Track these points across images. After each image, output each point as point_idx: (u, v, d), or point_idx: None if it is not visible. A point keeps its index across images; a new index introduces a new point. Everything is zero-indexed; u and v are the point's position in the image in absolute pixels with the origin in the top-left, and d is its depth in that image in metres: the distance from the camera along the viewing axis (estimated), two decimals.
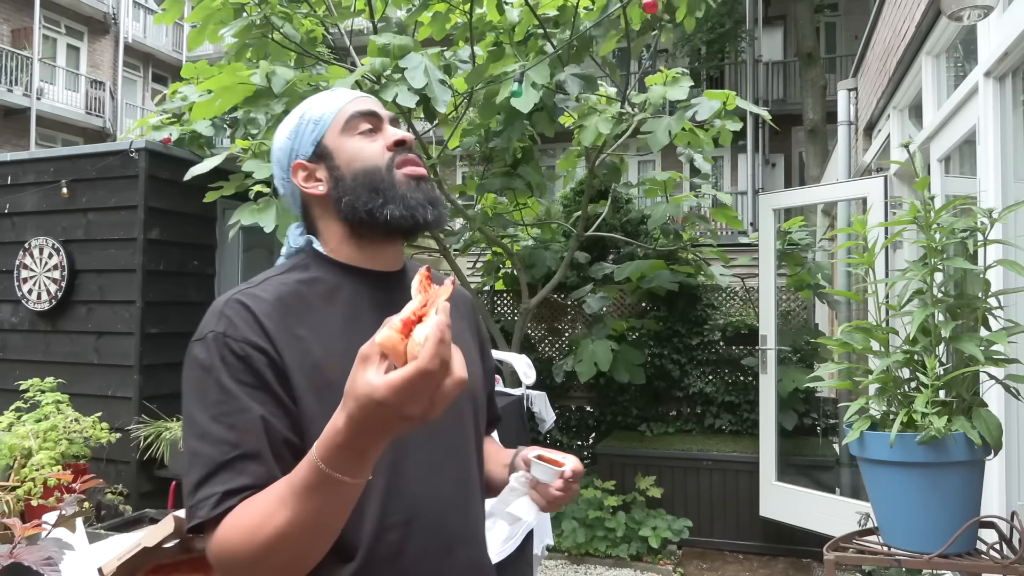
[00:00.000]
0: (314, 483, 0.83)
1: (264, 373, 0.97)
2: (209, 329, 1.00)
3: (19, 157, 4.43)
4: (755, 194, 15.71)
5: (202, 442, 0.93)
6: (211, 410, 0.95)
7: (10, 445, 2.63)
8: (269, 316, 1.01)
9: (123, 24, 18.96)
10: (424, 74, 3.43)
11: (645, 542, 4.58)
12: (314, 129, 1.12)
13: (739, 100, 3.90)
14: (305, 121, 1.13)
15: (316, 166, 1.11)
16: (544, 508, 1.12)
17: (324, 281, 1.08)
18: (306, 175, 1.12)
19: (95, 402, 3.78)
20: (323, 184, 1.11)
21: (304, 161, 1.12)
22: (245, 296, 1.03)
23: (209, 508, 0.90)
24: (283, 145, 1.14)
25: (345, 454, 0.81)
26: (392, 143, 1.10)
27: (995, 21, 2.75)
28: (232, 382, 0.95)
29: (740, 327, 5.45)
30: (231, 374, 0.96)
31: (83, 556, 1.89)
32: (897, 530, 1.68)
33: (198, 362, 0.98)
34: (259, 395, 0.96)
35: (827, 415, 5.14)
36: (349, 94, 1.15)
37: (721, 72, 17.44)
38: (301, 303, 1.04)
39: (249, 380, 0.96)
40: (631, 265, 4.92)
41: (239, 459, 0.92)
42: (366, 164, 1.09)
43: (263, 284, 1.06)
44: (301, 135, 1.12)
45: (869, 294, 2.05)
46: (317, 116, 1.12)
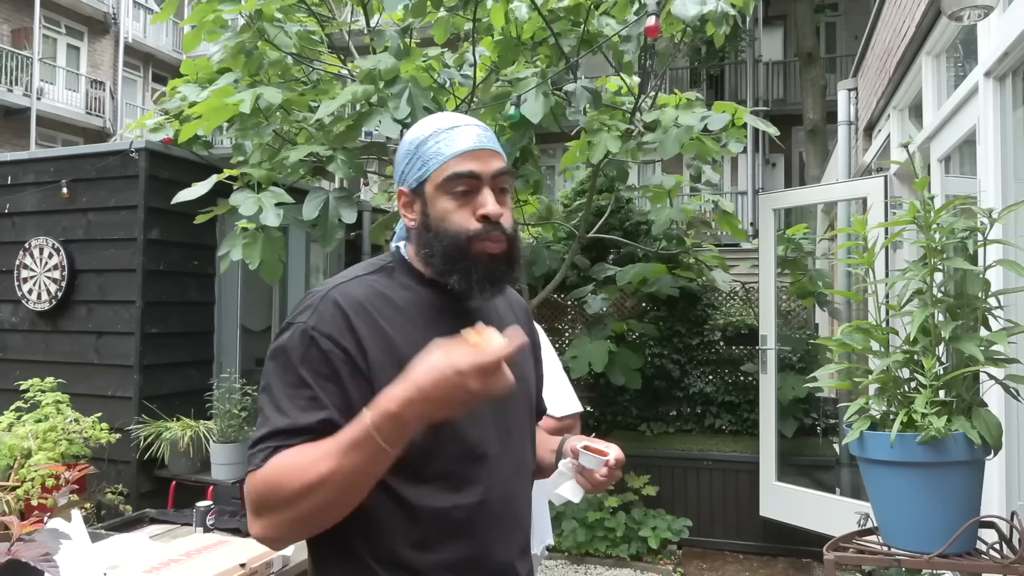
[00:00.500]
0: (359, 441, 0.99)
1: (340, 369, 1.09)
2: (301, 319, 1.12)
3: (19, 157, 4.43)
4: (755, 194, 15.71)
5: (274, 411, 1.09)
6: (288, 389, 1.09)
7: (10, 445, 2.63)
8: (359, 313, 1.12)
9: (123, 24, 18.96)
10: (407, 102, 3.45)
11: (645, 542, 4.58)
12: (421, 168, 1.18)
13: (747, 116, 3.91)
14: (417, 154, 1.19)
15: (414, 200, 1.20)
16: (589, 491, 1.29)
17: (407, 287, 1.19)
18: (406, 202, 1.21)
19: (95, 402, 3.78)
20: (414, 220, 1.20)
21: (406, 190, 1.20)
22: (339, 294, 1.14)
23: (263, 457, 1.06)
24: (398, 158, 1.23)
25: (393, 422, 0.98)
26: (480, 215, 1.15)
27: (995, 21, 2.75)
28: (309, 373, 1.08)
29: (740, 327, 5.45)
30: (310, 366, 1.09)
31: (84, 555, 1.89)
32: (897, 530, 1.68)
33: (283, 346, 1.12)
34: (330, 387, 1.08)
35: (827, 415, 5.14)
36: (459, 141, 1.17)
37: (721, 72, 17.44)
38: (388, 304, 1.15)
39: (325, 372, 1.08)
40: (633, 268, 4.92)
41: (296, 431, 1.06)
42: (450, 229, 1.15)
43: (355, 281, 1.17)
44: (412, 165, 1.20)
45: (869, 294, 2.05)
46: (425, 156, 1.18)
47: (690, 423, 5.53)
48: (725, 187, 16.69)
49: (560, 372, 1.86)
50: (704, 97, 4.20)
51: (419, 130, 1.20)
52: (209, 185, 3.55)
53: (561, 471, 1.32)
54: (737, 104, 4.05)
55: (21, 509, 2.23)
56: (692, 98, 4.07)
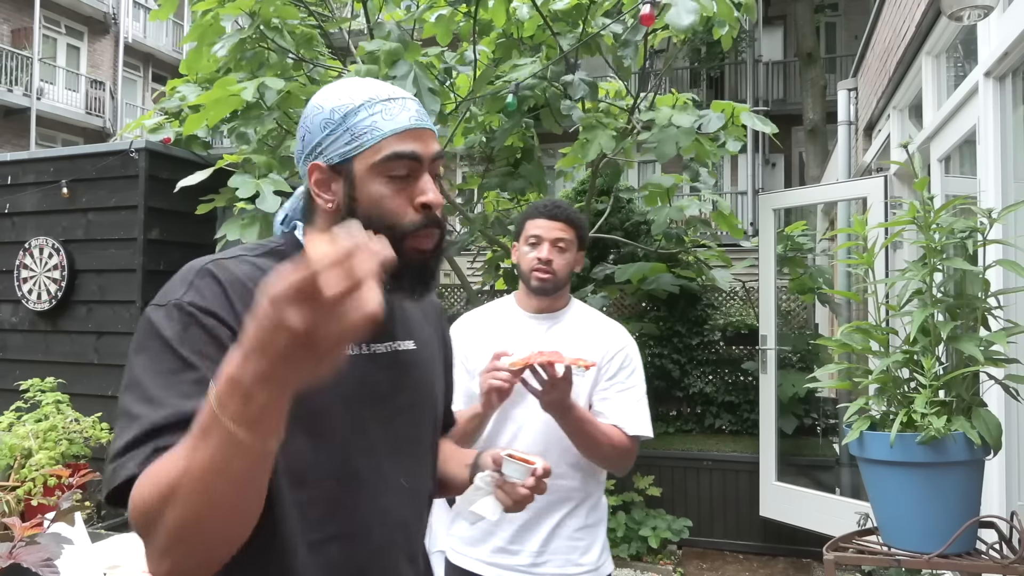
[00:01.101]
0: (206, 425, 0.74)
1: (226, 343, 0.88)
2: (174, 297, 0.93)
3: (19, 157, 4.43)
4: (755, 194, 15.71)
5: (146, 406, 0.86)
6: (163, 378, 0.88)
7: (10, 445, 2.63)
8: (238, 293, 0.94)
9: (123, 24, 18.96)
10: (412, 83, 3.43)
11: (645, 542, 4.58)
12: (348, 142, 1.00)
13: (745, 115, 3.91)
14: (342, 123, 1.01)
15: (334, 178, 1.02)
16: (509, 508, 1.15)
17: None
18: (321, 180, 1.03)
19: (95, 402, 3.78)
20: (333, 202, 1.02)
21: (324, 165, 1.02)
22: (216, 267, 0.96)
23: (137, 463, 0.82)
24: (312, 127, 1.03)
25: (233, 388, 0.71)
26: (419, 204, 1.01)
27: (995, 21, 2.75)
28: (192, 353, 0.89)
29: (740, 327, 5.45)
30: (192, 346, 0.89)
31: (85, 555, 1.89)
32: (897, 530, 1.68)
33: (155, 330, 0.91)
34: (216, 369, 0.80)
35: (827, 415, 5.14)
36: (400, 116, 1.02)
37: (721, 72, 17.44)
38: None
39: (211, 352, 0.88)
40: (633, 267, 4.92)
41: (183, 424, 0.80)
42: (384, 217, 0.99)
43: (235, 260, 0.99)
44: (334, 136, 1.01)
45: (869, 294, 2.05)
46: (356, 129, 1.00)
47: (690, 423, 5.53)
48: (725, 187, 16.70)
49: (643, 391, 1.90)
50: (704, 97, 4.21)
51: (343, 96, 1.01)
52: (211, 171, 3.56)
53: (478, 486, 1.16)
54: (737, 104, 4.05)
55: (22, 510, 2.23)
56: (687, 99, 4.07)
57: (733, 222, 4.84)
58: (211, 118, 3.50)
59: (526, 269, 1.89)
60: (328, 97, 1.03)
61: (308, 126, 1.03)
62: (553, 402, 1.65)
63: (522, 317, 1.94)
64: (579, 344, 1.85)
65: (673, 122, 3.78)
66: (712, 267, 5.38)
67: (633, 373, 1.88)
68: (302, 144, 1.04)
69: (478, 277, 6.01)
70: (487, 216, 4.86)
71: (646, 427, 1.84)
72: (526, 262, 1.89)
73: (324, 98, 1.04)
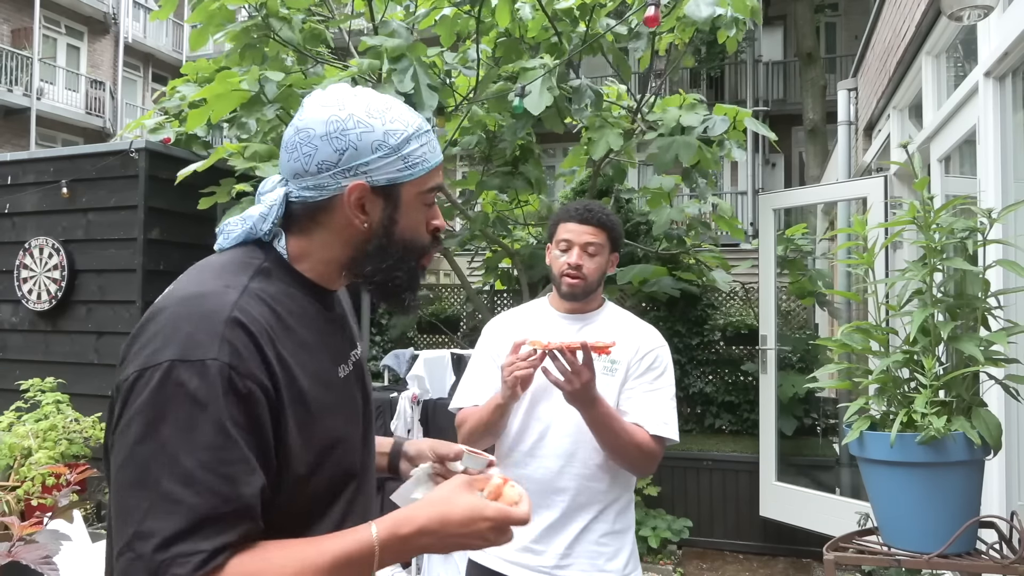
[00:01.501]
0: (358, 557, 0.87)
1: (262, 416, 0.87)
2: (209, 355, 0.85)
3: (19, 157, 4.44)
4: (755, 194, 15.71)
5: (187, 488, 0.81)
6: (203, 454, 0.82)
7: (10, 445, 2.63)
8: (265, 339, 0.90)
9: (123, 24, 18.96)
10: (412, 78, 3.44)
11: (645, 542, 4.57)
12: (401, 169, 1.00)
13: (748, 120, 3.91)
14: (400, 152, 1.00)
15: (375, 200, 1.01)
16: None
17: (291, 296, 0.99)
18: (360, 200, 1.00)
19: (95, 402, 3.78)
20: (368, 222, 1.01)
21: (368, 186, 0.99)
22: (243, 316, 0.90)
23: (193, 567, 0.79)
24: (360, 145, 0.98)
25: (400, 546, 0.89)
26: (434, 229, 1.08)
27: (995, 21, 2.75)
28: (232, 426, 0.84)
29: (740, 327, 5.45)
30: (233, 417, 0.84)
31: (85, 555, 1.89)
32: (897, 530, 1.68)
33: (189, 393, 0.83)
34: (253, 441, 0.86)
35: (827, 415, 5.14)
36: (438, 148, 1.07)
37: (721, 72, 17.43)
38: (280, 323, 0.95)
39: (248, 425, 0.86)
40: (634, 269, 4.92)
41: (232, 515, 0.82)
42: (416, 240, 1.05)
43: (247, 296, 0.93)
44: (386, 159, 1.00)
45: (869, 294, 2.05)
46: (410, 158, 1.01)
47: (690, 423, 5.53)
48: (725, 187, 16.70)
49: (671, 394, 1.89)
50: (704, 97, 4.20)
51: (394, 123, 1.00)
52: (211, 160, 3.56)
53: (418, 476, 1.19)
54: (737, 105, 4.06)
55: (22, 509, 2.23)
56: (695, 100, 4.08)
57: (734, 223, 4.84)
58: (214, 114, 3.50)
59: (557, 273, 1.89)
60: (373, 117, 1.00)
61: (352, 143, 0.98)
62: (576, 393, 1.63)
63: (555, 317, 1.95)
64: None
65: (681, 122, 3.79)
66: (712, 268, 5.38)
67: (663, 375, 1.86)
68: (338, 158, 0.98)
69: (478, 277, 6.02)
70: (487, 215, 4.86)
71: (671, 429, 1.82)
72: (557, 266, 1.89)
73: (368, 117, 0.99)
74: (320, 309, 1.04)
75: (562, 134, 4.53)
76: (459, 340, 5.85)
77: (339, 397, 1.03)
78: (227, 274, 0.96)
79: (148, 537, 0.79)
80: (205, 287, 0.92)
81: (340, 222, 1.01)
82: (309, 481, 0.94)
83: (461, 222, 5.06)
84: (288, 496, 0.92)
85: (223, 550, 0.81)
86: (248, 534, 0.84)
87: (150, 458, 0.82)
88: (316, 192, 1.00)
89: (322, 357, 1.01)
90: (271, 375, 0.89)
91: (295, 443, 0.91)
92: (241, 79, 3.34)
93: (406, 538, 0.89)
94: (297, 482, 0.92)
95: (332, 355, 1.04)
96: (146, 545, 0.79)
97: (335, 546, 0.87)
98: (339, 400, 1.03)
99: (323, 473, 0.97)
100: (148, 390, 0.84)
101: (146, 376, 0.84)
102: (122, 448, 0.84)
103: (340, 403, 1.03)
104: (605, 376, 1.80)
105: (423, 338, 6.32)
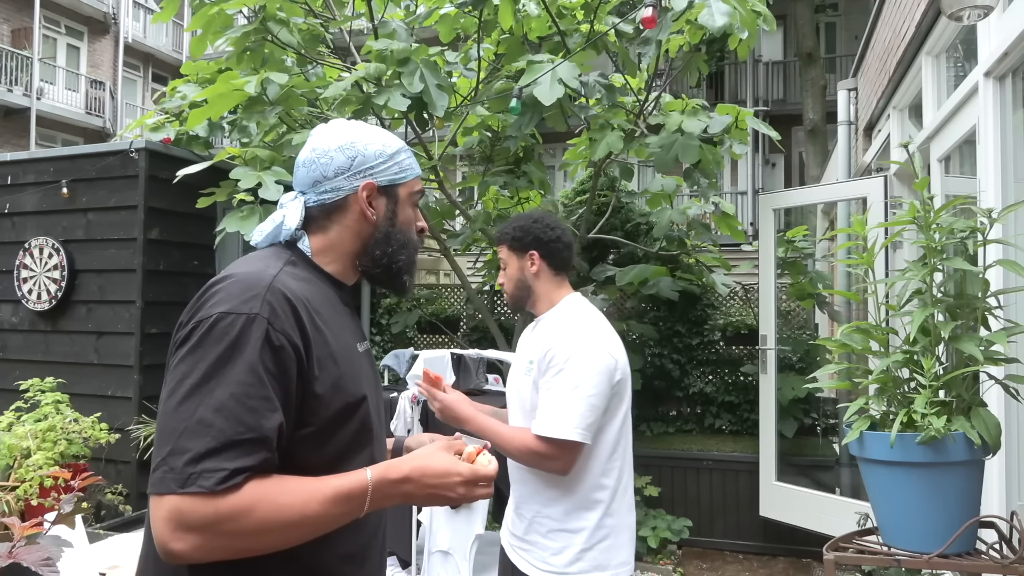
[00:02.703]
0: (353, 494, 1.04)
1: (290, 369, 1.04)
2: (252, 309, 1.04)
3: (19, 157, 4.44)
4: (755, 194, 15.71)
5: (217, 414, 0.97)
6: (234, 388, 0.99)
7: (9, 445, 2.63)
8: (304, 309, 1.09)
9: (123, 24, 18.96)
10: (420, 80, 3.44)
11: (645, 542, 4.57)
12: (397, 172, 1.27)
13: (750, 119, 3.91)
14: (393, 157, 1.27)
15: (379, 198, 1.26)
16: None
17: (315, 283, 1.20)
18: (371, 195, 1.24)
19: (95, 402, 3.78)
20: (376, 215, 1.25)
21: (375, 184, 1.24)
22: (283, 285, 1.09)
23: (216, 481, 0.95)
24: (366, 153, 1.24)
25: (389, 488, 1.07)
26: (420, 228, 1.34)
27: (995, 21, 2.75)
28: (263, 370, 1.01)
29: (740, 327, 5.44)
30: (264, 362, 1.01)
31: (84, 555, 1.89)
32: (897, 530, 1.68)
33: (229, 336, 1.01)
34: (279, 388, 1.03)
35: (827, 415, 5.14)
36: (417, 163, 1.33)
37: (721, 72, 17.42)
38: (313, 299, 1.14)
39: (276, 372, 1.02)
40: (634, 269, 4.92)
41: (252, 442, 0.98)
42: (411, 235, 1.31)
43: (284, 273, 1.13)
44: (385, 164, 1.26)
45: (869, 294, 2.05)
46: (402, 164, 1.28)
47: (690, 423, 5.53)
48: (725, 187, 16.69)
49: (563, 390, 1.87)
50: (704, 97, 4.21)
51: (387, 138, 1.28)
52: (211, 161, 3.56)
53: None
54: (737, 104, 4.05)
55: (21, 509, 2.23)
56: (697, 104, 4.07)
57: (734, 225, 4.84)
58: (214, 112, 3.50)
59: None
60: (371, 135, 1.27)
61: (361, 151, 1.24)
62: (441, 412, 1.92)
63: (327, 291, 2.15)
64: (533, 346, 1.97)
65: (683, 127, 3.78)
66: (712, 268, 5.38)
67: (559, 373, 1.83)
68: (350, 164, 1.24)
69: (479, 278, 6.02)
70: (489, 213, 4.86)
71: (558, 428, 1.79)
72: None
73: (367, 134, 1.27)
74: (339, 296, 1.25)
75: (563, 132, 4.53)
76: (459, 340, 5.84)
77: (362, 365, 1.23)
78: (266, 261, 1.17)
79: (181, 453, 0.95)
80: (252, 267, 1.13)
81: (353, 216, 1.24)
82: (336, 432, 1.11)
83: (462, 222, 5.05)
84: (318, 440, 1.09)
85: (243, 471, 0.97)
86: (265, 462, 1.00)
87: (193, 387, 0.99)
88: (334, 193, 1.23)
89: (344, 332, 1.20)
90: (303, 335, 1.07)
91: (326, 393, 1.09)
92: (246, 81, 3.34)
93: (393, 482, 1.07)
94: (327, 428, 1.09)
95: (351, 332, 1.24)
96: (179, 460, 0.95)
97: (337, 481, 1.04)
98: (362, 368, 1.22)
99: (350, 425, 1.13)
100: (200, 333, 1.02)
101: (203, 324, 1.03)
102: (172, 379, 1.02)
103: (363, 370, 1.22)
104: (524, 376, 1.95)
105: (423, 338, 6.31)
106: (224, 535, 0.96)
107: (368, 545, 1.21)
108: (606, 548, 1.87)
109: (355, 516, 1.05)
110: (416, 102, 3.52)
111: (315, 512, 1.01)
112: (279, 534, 1.00)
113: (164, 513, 0.95)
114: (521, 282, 2.01)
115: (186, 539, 0.94)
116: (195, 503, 0.94)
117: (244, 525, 0.96)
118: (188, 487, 0.94)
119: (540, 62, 3.60)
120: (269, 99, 3.51)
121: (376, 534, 1.24)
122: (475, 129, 4.63)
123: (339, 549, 1.14)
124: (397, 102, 3.39)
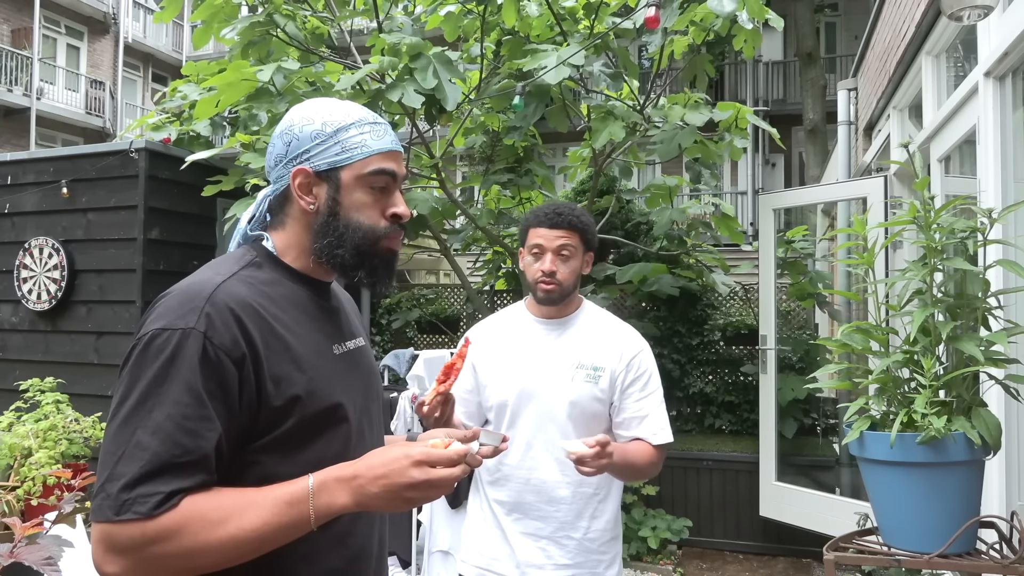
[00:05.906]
0: (294, 499, 0.95)
1: (230, 384, 0.98)
2: (188, 324, 0.98)
3: (19, 157, 4.44)
4: (755, 194, 15.71)
5: (153, 437, 0.93)
6: (171, 408, 0.94)
7: (10, 445, 2.63)
8: (251, 317, 1.02)
9: (123, 24, 18.96)
10: (433, 75, 3.42)
11: (645, 542, 4.57)
12: (339, 153, 1.12)
13: (750, 116, 3.92)
14: (333, 136, 1.13)
15: (319, 184, 1.13)
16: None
17: (281, 284, 1.12)
18: (304, 183, 1.13)
19: (95, 402, 3.77)
20: (315, 204, 1.13)
21: (311, 171, 1.12)
22: (226, 295, 1.02)
23: (151, 506, 0.91)
24: (300, 135, 1.13)
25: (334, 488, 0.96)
26: (392, 215, 1.16)
27: (995, 21, 2.75)
28: (202, 389, 0.96)
29: (740, 327, 5.45)
30: (202, 380, 0.96)
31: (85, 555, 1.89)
32: (897, 530, 1.68)
33: (164, 353, 0.97)
34: (219, 407, 0.97)
35: (827, 415, 5.14)
36: (385, 138, 1.16)
37: (721, 72, 17.42)
38: (272, 303, 1.07)
39: (215, 390, 0.97)
40: (634, 268, 4.92)
41: (190, 464, 0.94)
42: (363, 223, 1.13)
43: (234, 279, 1.06)
44: (323, 146, 1.13)
45: (869, 294, 2.05)
46: (347, 143, 1.13)
47: (690, 423, 5.53)
48: (725, 187, 16.69)
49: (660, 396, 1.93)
50: (705, 97, 4.21)
51: (334, 113, 1.14)
52: (219, 149, 3.56)
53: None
54: (742, 106, 4.07)
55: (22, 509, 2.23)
56: (699, 98, 4.08)
57: (734, 226, 4.84)
58: (224, 102, 3.48)
59: (531, 280, 1.87)
60: (316, 112, 1.14)
61: (296, 134, 1.13)
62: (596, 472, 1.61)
63: (531, 323, 1.95)
64: (590, 350, 1.87)
65: (685, 120, 3.79)
66: (712, 268, 5.38)
67: (650, 379, 1.90)
68: (286, 149, 1.14)
69: (479, 277, 6.02)
70: (491, 211, 4.86)
71: (667, 433, 1.88)
72: (530, 272, 1.87)
73: (312, 113, 1.14)
74: (311, 296, 1.16)
75: (565, 132, 4.53)
76: (459, 340, 5.85)
77: (338, 369, 1.13)
78: (221, 265, 1.10)
79: (117, 479, 0.92)
80: (200, 276, 1.07)
81: (298, 207, 1.14)
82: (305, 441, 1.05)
83: (463, 221, 5.05)
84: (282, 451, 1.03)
85: (179, 492, 0.93)
86: (204, 482, 0.96)
87: (131, 410, 0.95)
88: (277, 184, 1.15)
89: (315, 335, 1.12)
90: (250, 345, 1.00)
91: (285, 404, 1.02)
92: (257, 69, 3.33)
93: (339, 480, 0.97)
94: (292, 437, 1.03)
95: (325, 334, 1.15)
96: (114, 486, 0.92)
97: (278, 490, 0.97)
98: (337, 372, 1.13)
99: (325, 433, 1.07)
100: (137, 351, 0.99)
101: (141, 342, 1.00)
102: (113, 400, 0.98)
103: (338, 374, 1.13)
104: (588, 384, 1.84)
105: (423, 338, 6.32)
106: (154, 556, 0.92)
107: (358, 557, 1.14)
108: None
109: (304, 524, 0.96)
110: (428, 97, 3.51)
111: (252, 524, 0.94)
112: (217, 550, 0.94)
113: (95, 536, 0.93)
114: (578, 278, 1.89)
115: (116, 562, 0.92)
116: (124, 526, 0.91)
117: (175, 545, 0.92)
118: (123, 514, 0.91)
119: (544, 51, 3.60)
120: (277, 89, 3.50)
121: (367, 546, 1.17)
122: (475, 130, 4.63)
123: (320, 564, 1.08)
124: (411, 98, 3.37)
